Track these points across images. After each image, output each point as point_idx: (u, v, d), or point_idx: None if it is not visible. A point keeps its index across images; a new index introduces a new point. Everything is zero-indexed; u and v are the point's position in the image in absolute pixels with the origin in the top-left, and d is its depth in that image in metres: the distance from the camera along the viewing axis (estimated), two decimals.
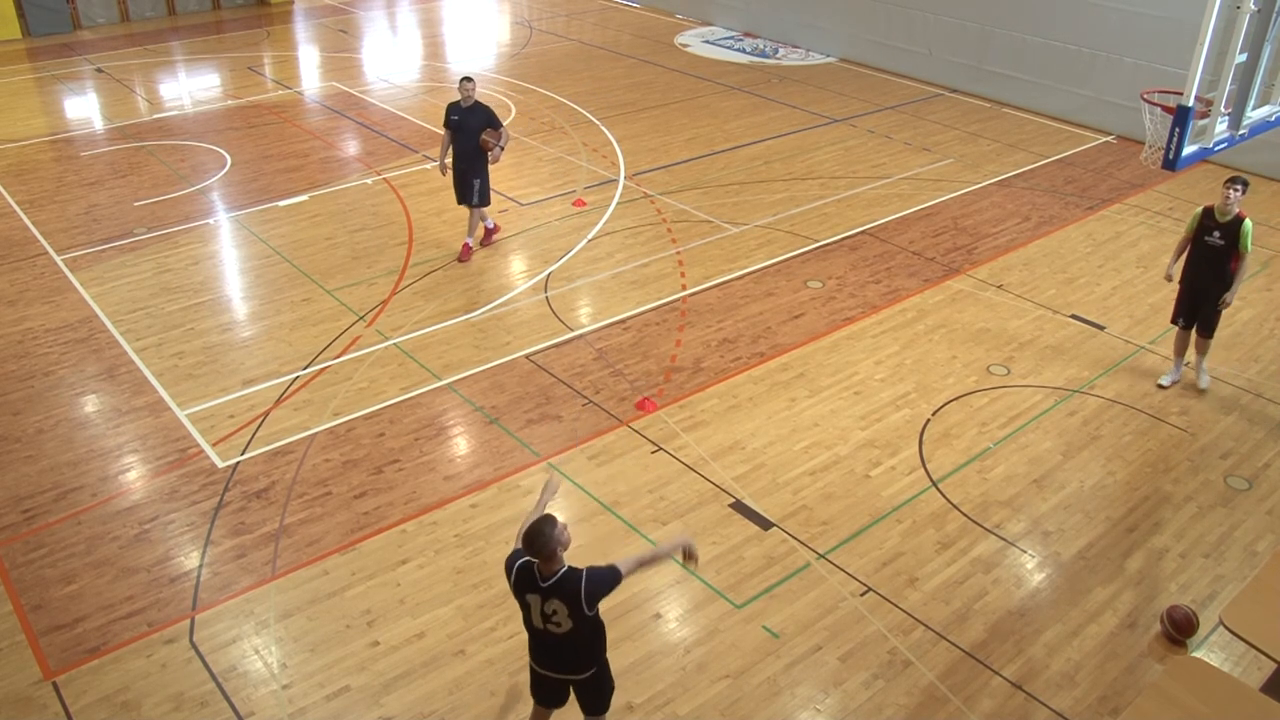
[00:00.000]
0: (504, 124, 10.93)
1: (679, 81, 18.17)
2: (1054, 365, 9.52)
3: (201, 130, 15.31)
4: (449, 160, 11.09)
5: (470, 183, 10.96)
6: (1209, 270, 8.61)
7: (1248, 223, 8.42)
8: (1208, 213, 8.56)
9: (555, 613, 4.86)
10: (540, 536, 4.72)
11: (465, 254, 11.24)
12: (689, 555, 5.17)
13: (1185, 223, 8.96)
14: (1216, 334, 8.95)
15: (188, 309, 10.24)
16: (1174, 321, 9.07)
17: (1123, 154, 14.97)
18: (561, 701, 5.32)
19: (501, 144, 10.81)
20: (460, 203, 11.28)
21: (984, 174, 14.07)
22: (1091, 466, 8.16)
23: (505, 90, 17.46)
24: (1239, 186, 8.38)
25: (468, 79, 10.69)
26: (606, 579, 4.84)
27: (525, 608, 4.96)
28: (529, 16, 23.35)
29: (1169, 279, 8.91)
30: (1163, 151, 6.71)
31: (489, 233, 11.61)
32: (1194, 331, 8.98)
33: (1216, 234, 8.49)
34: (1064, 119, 16.32)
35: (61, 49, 19.98)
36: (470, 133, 10.73)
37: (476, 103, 10.73)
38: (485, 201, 11.12)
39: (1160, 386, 9.11)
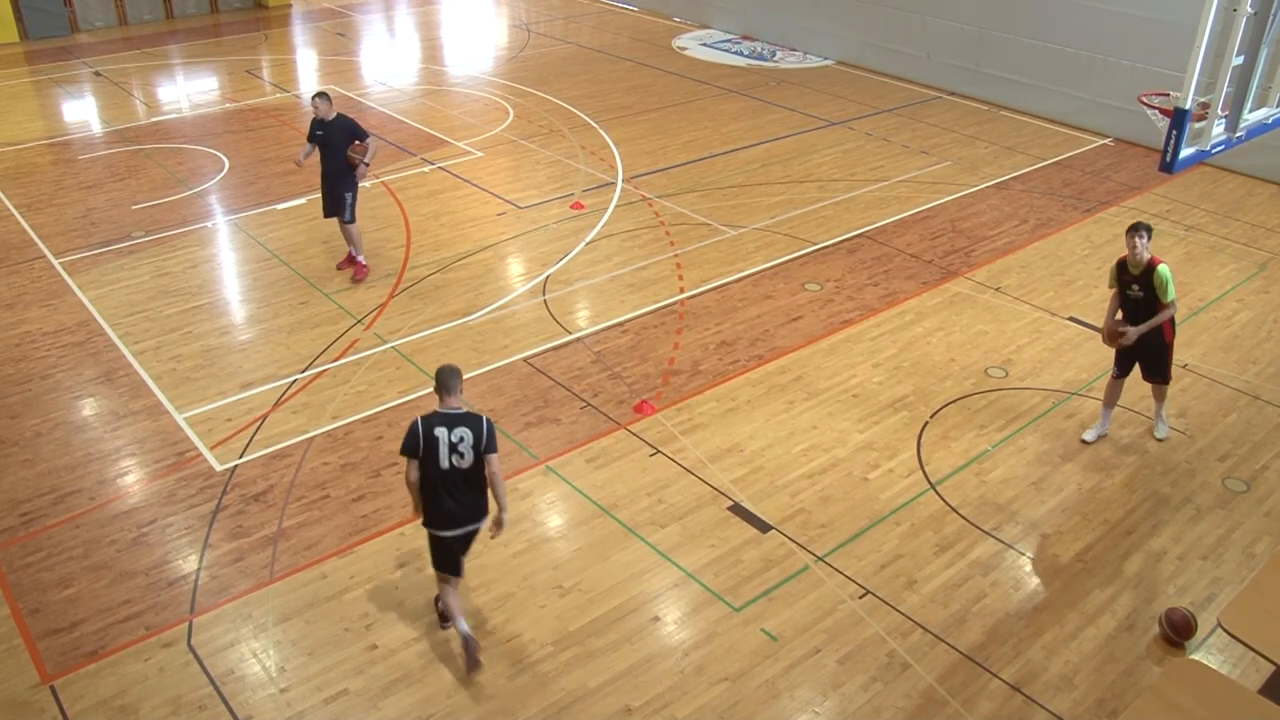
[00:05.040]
0: (370, 135, 10.46)
1: (677, 84, 18.18)
2: (1052, 367, 9.52)
3: (199, 133, 15.31)
4: (305, 159, 10.58)
5: (341, 196, 10.54)
6: (1137, 323, 7.87)
7: (1162, 269, 7.66)
8: (1122, 264, 7.86)
9: (462, 440, 5.81)
10: (456, 373, 5.94)
11: (359, 272, 10.79)
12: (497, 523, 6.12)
13: (1108, 273, 8.19)
14: (1215, 335, 8.93)
15: (186, 312, 10.23)
16: (1113, 373, 8.35)
17: (1120, 156, 14.99)
18: (461, 568, 6.23)
19: (366, 159, 10.34)
20: (327, 216, 10.84)
21: (982, 176, 14.08)
22: (1090, 469, 8.16)
23: (503, 93, 17.47)
24: (1142, 235, 7.65)
25: (320, 95, 10.24)
26: (495, 435, 5.93)
27: (433, 447, 5.81)
28: (526, 19, 23.36)
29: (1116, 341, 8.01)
30: None
31: (358, 266, 10.91)
32: (1148, 380, 8.31)
33: (1135, 287, 7.81)
34: (1062, 121, 16.34)
35: (59, 52, 19.99)
36: (336, 148, 10.32)
37: (339, 115, 10.33)
38: (354, 218, 10.69)
39: (1084, 442, 8.42)
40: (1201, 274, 11.33)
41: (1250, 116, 7.17)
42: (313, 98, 10.36)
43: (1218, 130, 7.03)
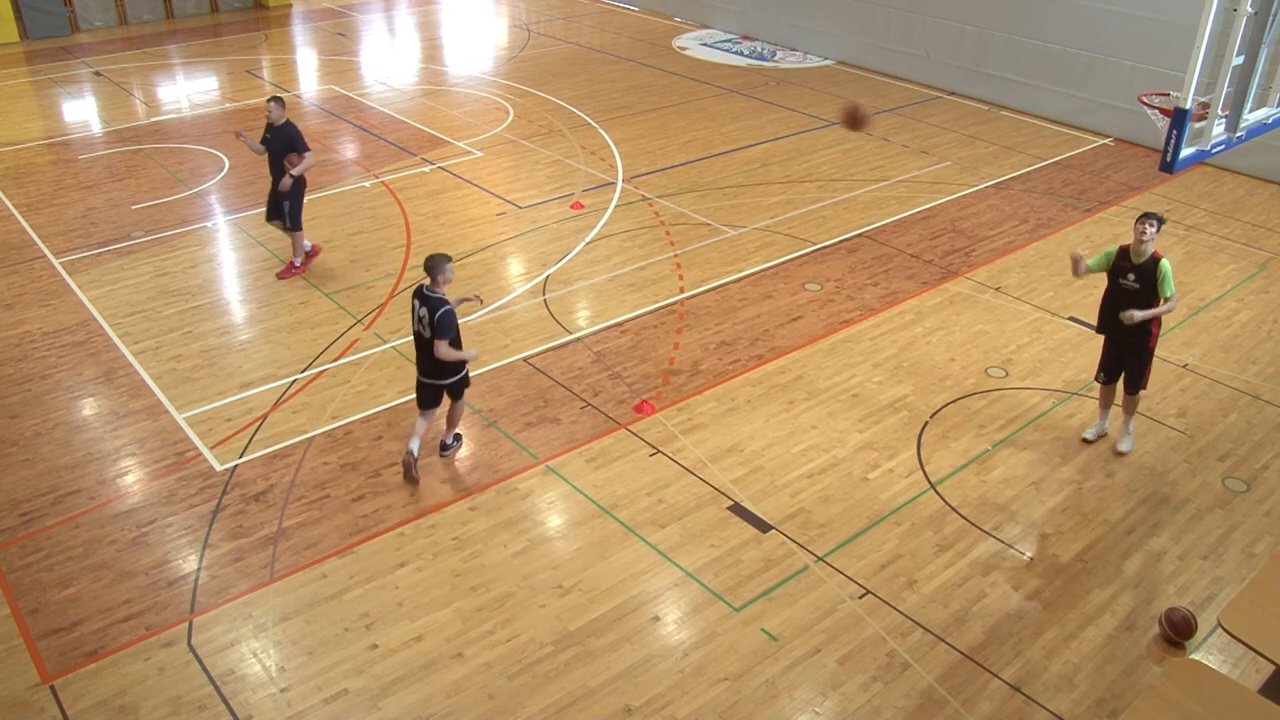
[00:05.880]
0: (309, 149, 10.59)
1: (677, 84, 18.18)
2: (1052, 367, 9.52)
3: (199, 133, 15.31)
4: (259, 154, 10.74)
5: (279, 204, 10.59)
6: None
7: (1165, 264, 7.47)
8: (1123, 252, 7.64)
9: (423, 317, 7.35)
10: (438, 263, 7.35)
11: (285, 272, 10.87)
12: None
13: (1101, 250, 7.88)
14: (1215, 335, 8.93)
15: (186, 312, 10.23)
16: (1096, 378, 8.24)
17: (1120, 156, 14.99)
18: (437, 403, 7.78)
19: (294, 171, 10.39)
20: (268, 220, 10.87)
21: (981, 176, 14.09)
22: (1089, 468, 8.16)
23: (503, 93, 17.47)
24: (1153, 223, 7.41)
25: (273, 99, 10.44)
26: (448, 326, 7.32)
27: (412, 313, 7.46)
28: (527, 19, 23.36)
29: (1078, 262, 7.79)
30: None
31: (307, 256, 11.06)
32: (1120, 388, 8.13)
33: (1131, 276, 7.58)
34: (1062, 121, 16.34)
35: (59, 52, 19.98)
36: (275, 154, 10.46)
37: (287, 122, 10.49)
38: (294, 226, 10.70)
39: (1084, 441, 8.39)
40: (1201, 274, 11.33)
41: (1250, 116, 7.18)
42: (267, 101, 10.47)
43: (1218, 130, 7.03)
